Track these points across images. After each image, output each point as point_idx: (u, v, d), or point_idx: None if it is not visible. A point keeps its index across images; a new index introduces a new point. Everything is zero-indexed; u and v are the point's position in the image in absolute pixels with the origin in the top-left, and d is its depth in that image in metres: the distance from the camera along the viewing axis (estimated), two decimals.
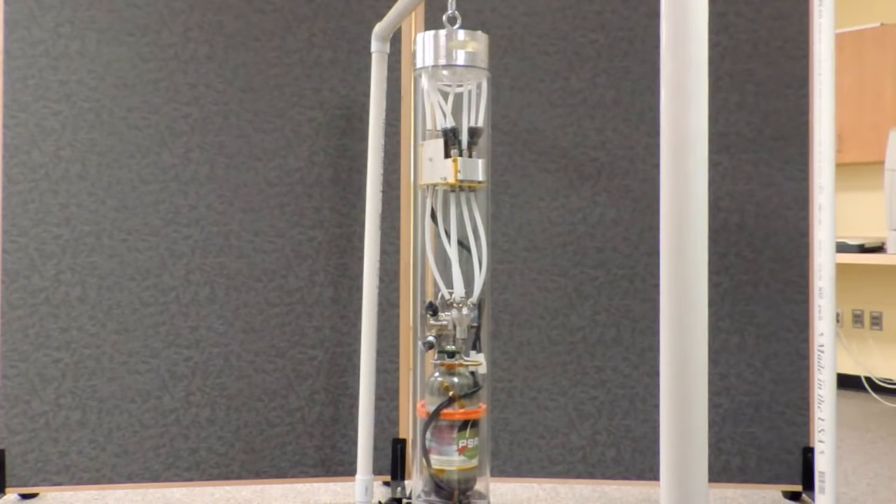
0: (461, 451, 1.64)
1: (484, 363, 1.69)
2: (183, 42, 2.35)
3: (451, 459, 1.64)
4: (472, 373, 1.68)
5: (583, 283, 2.40)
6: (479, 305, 1.68)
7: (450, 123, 1.67)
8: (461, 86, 1.73)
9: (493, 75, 2.42)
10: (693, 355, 0.69)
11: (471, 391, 1.65)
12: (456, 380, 1.65)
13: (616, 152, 2.39)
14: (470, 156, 1.67)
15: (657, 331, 2.40)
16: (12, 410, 2.27)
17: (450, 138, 1.66)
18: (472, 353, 1.68)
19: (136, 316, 2.32)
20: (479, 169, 1.66)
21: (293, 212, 2.40)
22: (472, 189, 1.70)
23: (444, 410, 1.63)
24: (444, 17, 1.71)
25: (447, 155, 1.65)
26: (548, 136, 2.40)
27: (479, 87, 1.73)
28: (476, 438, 1.66)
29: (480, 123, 1.71)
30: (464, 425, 1.64)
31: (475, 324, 1.68)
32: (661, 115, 0.71)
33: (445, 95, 1.72)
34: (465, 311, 1.66)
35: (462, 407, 1.64)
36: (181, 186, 2.35)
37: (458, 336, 1.66)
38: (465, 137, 1.67)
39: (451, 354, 1.65)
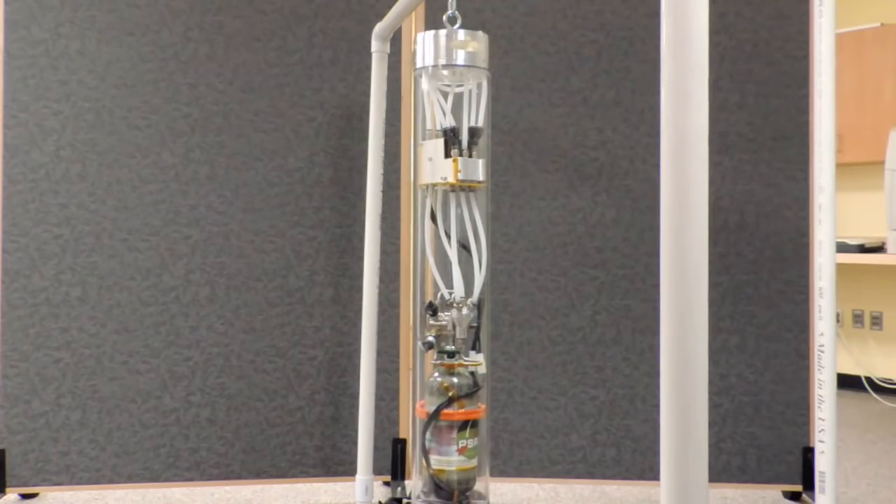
0: (461, 451, 1.64)
1: (484, 363, 1.69)
2: (183, 42, 2.35)
3: (450, 459, 1.64)
4: (472, 373, 1.68)
5: (583, 283, 2.40)
6: (479, 305, 1.68)
7: (450, 123, 1.67)
8: (461, 85, 1.73)
9: (493, 75, 2.42)
10: (693, 355, 0.69)
11: (470, 391, 1.65)
12: (456, 380, 1.65)
13: (616, 152, 2.39)
14: (470, 156, 1.66)
15: (657, 331, 2.40)
16: (12, 410, 2.27)
17: (450, 138, 1.66)
18: (472, 353, 1.68)
19: (136, 316, 2.32)
20: (479, 169, 1.66)
21: (293, 212, 2.40)
22: (471, 189, 1.70)
23: (444, 410, 1.63)
24: (445, 18, 1.71)
25: (447, 155, 1.65)
26: (548, 136, 2.40)
27: (479, 86, 1.73)
28: (476, 438, 1.66)
29: (480, 123, 1.71)
30: (463, 425, 1.64)
31: (475, 324, 1.68)
32: (661, 115, 0.71)
33: (445, 95, 1.72)
34: (464, 311, 1.66)
35: (462, 407, 1.64)
36: (181, 186, 2.35)
37: (457, 336, 1.66)
38: (465, 137, 1.67)
39: (451, 354, 1.65)
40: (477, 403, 1.68)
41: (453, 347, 1.66)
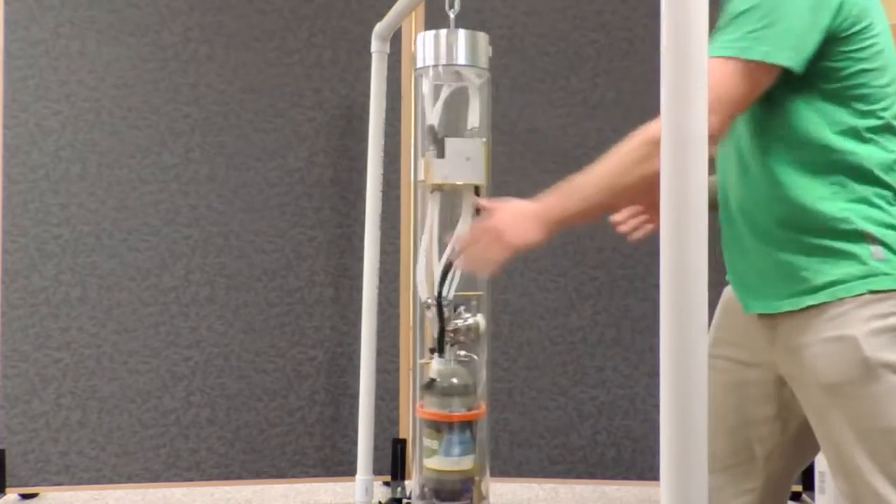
0: (461, 451, 1.64)
1: (439, 368, 1.68)
2: (183, 42, 2.35)
3: (450, 460, 1.64)
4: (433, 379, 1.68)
5: (583, 283, 2.40)
6: (439, 305, 1.68)
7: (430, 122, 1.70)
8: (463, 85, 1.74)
9: (493, 75, 2.42)
10: (693, 355, 0.69)
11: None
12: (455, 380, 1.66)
13: None
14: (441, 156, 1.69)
15: (657, 331, 2.40)
16: (12, 410, 2.27)
17: (428, 137, 1.70)
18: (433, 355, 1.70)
19: (136, 316, 2.32)
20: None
21: (293, 212, 2.40)
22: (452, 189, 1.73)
23: (444, 411, 1.63)
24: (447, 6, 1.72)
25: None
26: (548, 136, 2.40)
27: (479, 87, 1.73)
28: (476, 438, 1.67)
29: (477, 123, 1.72)
30: (464, 425, 1.64)
31: (443, 325, 1.69)
32: (661, 115, 0.72)
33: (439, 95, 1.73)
34: (431, 311, 1.68)
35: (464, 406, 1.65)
36: (181, 186, 2.35)
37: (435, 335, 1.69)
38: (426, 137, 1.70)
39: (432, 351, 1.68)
40: (476, 404, 1.68)
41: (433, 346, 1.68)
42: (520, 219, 1.26)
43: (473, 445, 1.65)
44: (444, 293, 1.67)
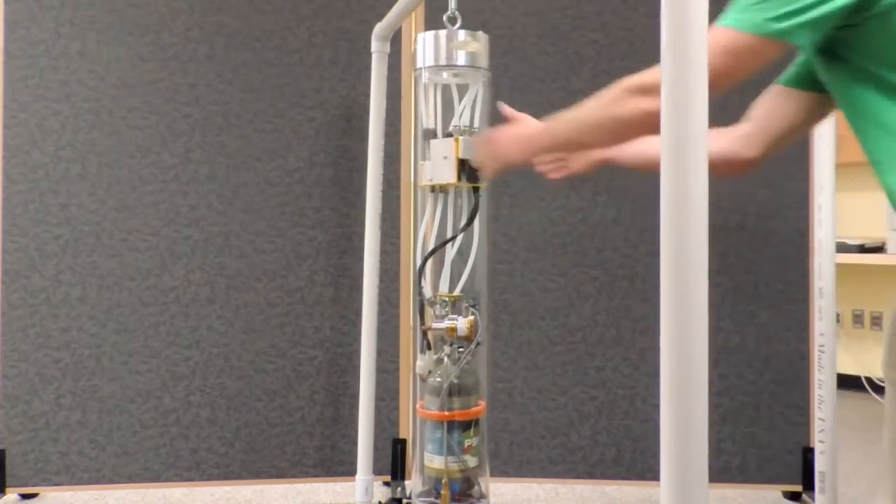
0: (463, 450, 1.64)
1: (419, 364, 1.71)
2: (183, 42, 2.35)
3: (451, 459, 1.64)
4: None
5: (583, 283, 2.40)
6: (421, 304, 1.71)
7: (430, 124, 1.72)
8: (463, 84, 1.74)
9: (493, 75, 2.42)
10: (693, 355, 0.69)
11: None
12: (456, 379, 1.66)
13: None
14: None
15: (657, 331, 2.40)
16: (12, 410, 2.27)
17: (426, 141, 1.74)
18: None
19: (136, 316, 2.32)
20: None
21: (293, 212, 2.40)
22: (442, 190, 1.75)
23: (443, 411, 1.63)
24: (445, 18, 1.71)
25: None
26: None
27: (479, 88, 1.73)
28: (477, 437, 1.67)
29: (477, 123, 1.72)
30: (465, 425, 1.64)
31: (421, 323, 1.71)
32: (661, 114, 0.71)
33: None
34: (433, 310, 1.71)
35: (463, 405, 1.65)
36: (181, 186, 2.35)
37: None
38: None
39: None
40: (476, 402, 1.68)
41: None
42: (514, 139, 1.44)
43: (444, 447, 1.64)
44: (428, 294, 1.69)
